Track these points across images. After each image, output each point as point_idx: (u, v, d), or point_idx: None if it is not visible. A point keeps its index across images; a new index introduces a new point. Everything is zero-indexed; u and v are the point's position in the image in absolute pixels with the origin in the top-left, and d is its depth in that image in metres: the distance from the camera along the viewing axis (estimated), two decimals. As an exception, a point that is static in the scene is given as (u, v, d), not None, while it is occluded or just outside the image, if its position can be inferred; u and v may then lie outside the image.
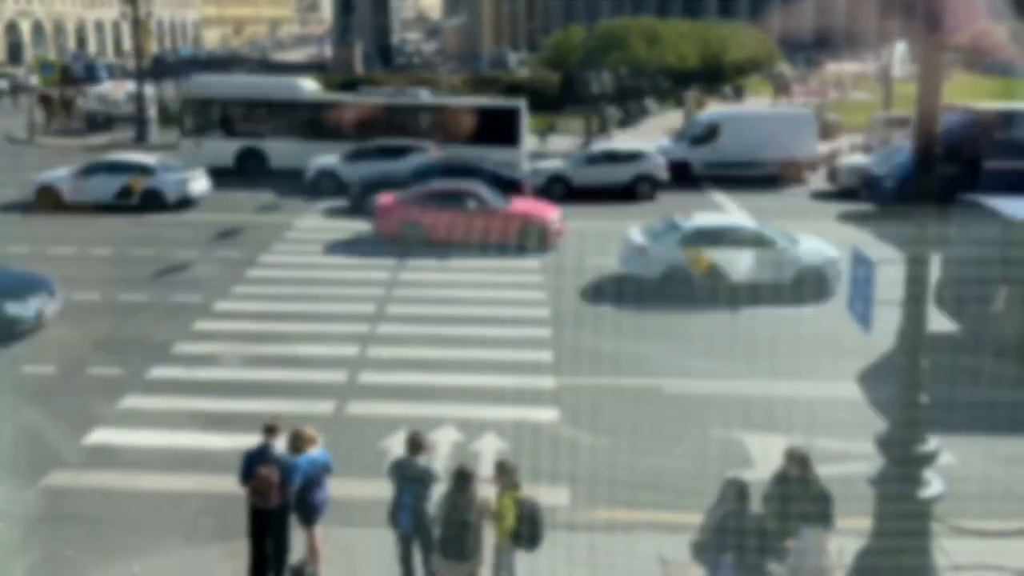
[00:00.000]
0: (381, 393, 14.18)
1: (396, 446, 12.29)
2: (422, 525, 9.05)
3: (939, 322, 13.91)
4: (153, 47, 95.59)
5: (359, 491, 11.29)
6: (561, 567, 9.60)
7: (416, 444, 9.34)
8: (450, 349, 15.89)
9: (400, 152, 29.51)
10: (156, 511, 10.91)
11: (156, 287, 19.55)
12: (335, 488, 11.41)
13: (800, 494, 8.57)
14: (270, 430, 9.55)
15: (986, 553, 8.68)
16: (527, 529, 8.77)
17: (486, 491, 8.97)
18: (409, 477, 9.16)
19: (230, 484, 11.48)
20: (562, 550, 9.69)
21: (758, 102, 53.04)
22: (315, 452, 9.57)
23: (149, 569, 9.77)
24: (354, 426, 13.09)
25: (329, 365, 15.21)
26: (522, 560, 9.12)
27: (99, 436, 12.70)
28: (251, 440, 9.90)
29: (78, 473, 11.79)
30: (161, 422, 13.13)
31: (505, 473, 8.89)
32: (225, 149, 32.29)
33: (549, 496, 10.94)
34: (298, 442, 9.43)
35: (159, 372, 14.92)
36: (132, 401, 13.84)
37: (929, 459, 8.38)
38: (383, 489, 11.30)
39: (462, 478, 8.72)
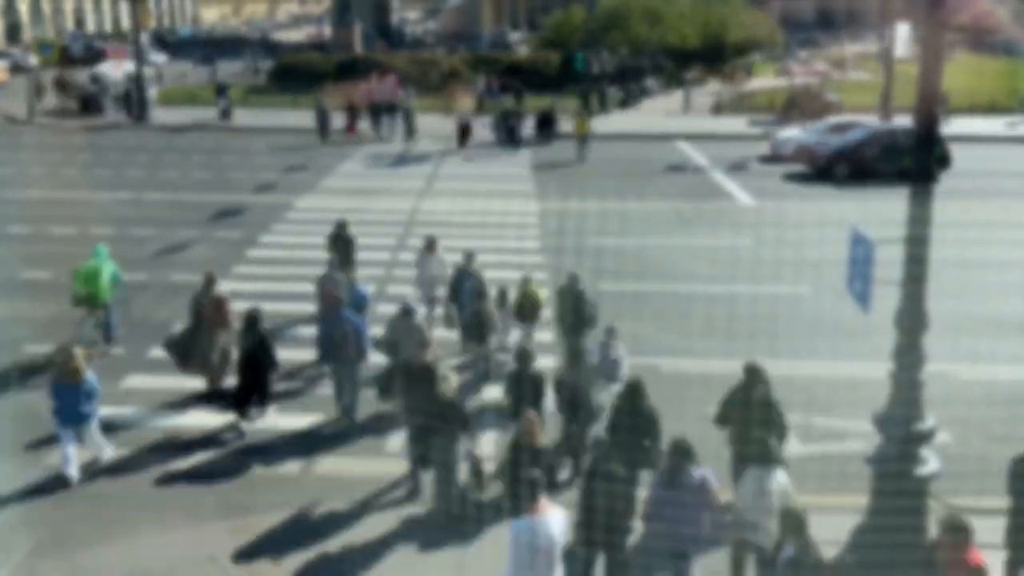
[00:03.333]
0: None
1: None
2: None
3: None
4: (152, 26, 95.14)
5: (359, 468, 11.39)
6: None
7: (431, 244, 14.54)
8: (451, 329, 15.91)
9: None
10: (159, 488, 10.98)
11: (156, 267, 19.59)
12: (335, 465, 11.55)
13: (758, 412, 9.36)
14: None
15: (981, 531, 8.74)
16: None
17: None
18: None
19: (231, 461, 11.59)
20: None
21: (762, 82, 52.89)
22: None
23: (152, 546, 9.85)
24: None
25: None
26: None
27: (101, 414, 12.72)
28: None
29: (81, 451, 11.84)
30: (163, 400, 13.20)
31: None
32: None
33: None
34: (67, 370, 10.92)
35: (161, 351, 14.95)
36: (134, 380, 13.89)
37: (926, 437, 8.45)
38: (384, 466, 11.42)
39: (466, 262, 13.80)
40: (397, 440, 12.01)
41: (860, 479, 9.11)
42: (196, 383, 13.62)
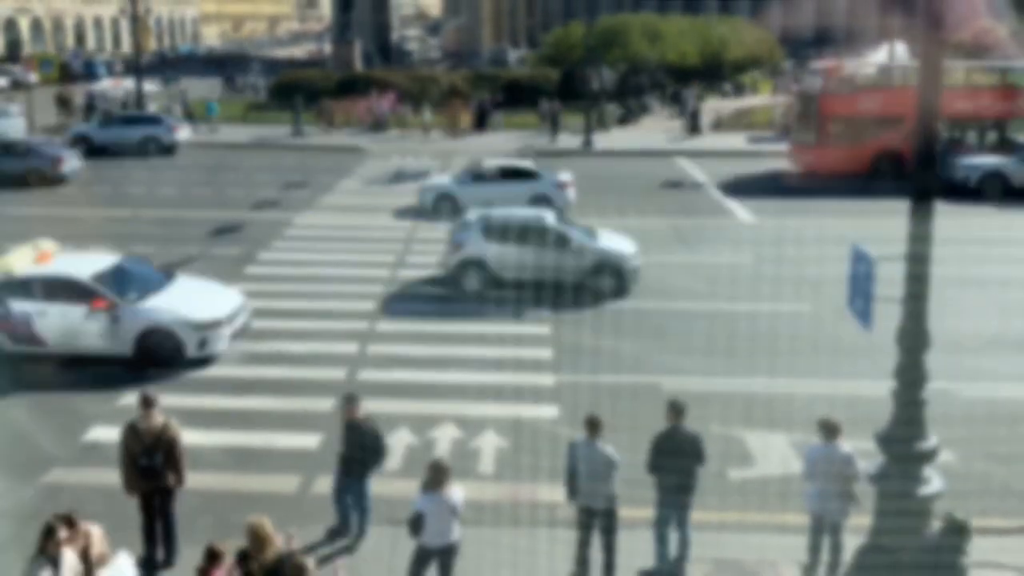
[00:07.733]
0: (381, 390, 14.16)
1: (395, 443, 12.30)
2: None
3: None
4: (152, 44, 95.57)
5: (358, 488, 11.27)
6: (561, 564, 9.60)
7: None
8: (450, 346, 15.87)
9: None
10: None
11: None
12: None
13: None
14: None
15: (986, 551, 8.70)
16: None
17: None
18: None
19: (228, 481, 11.50)
20: (562, 547, 9.69)
21: (761, 99, 52.98)
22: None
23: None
24: (353, 423, 13.05)
25: (329, 362, 15.19)
26: (523, 558, 9.11)
27: (97, 433, 12.69)
28: (249, 438, 9.86)
29: (77, 470, 11.78)
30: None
31: None
32: None
33: (549, 493, 10.95)
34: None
35: (158, 369, 14.89)
36: (130, 399, 13.78)
37: (929, 456, 8.37)
38: (383, 486, 11.34)
39: None
40: (395, 460, 11.96)
41: (863, 499, 9.03)
42: (194, 402, 13.56)
